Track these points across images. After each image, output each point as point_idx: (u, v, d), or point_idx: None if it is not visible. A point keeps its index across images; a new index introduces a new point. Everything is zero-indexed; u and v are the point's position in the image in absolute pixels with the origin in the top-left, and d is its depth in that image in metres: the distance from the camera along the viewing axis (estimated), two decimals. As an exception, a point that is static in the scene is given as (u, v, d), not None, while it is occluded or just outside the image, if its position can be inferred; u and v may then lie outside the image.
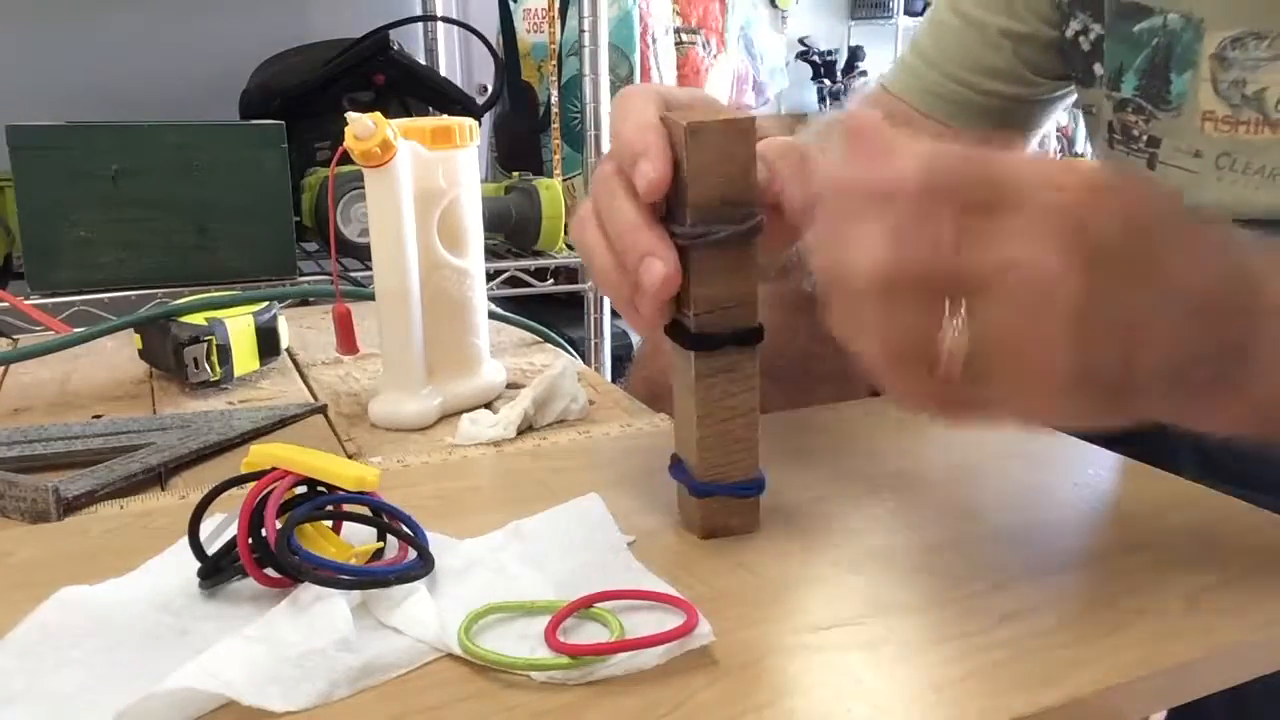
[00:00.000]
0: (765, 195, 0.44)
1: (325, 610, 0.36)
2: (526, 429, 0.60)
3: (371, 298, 0.61)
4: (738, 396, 0.42)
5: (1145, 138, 0.65)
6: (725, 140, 0.40)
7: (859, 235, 0.34)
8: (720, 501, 0.44)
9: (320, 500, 0.40)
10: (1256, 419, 0.38)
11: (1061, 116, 0.77)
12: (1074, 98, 0.74)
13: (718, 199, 0.41)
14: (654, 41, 2.01)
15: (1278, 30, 0.57)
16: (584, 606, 0.37)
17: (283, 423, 0.62)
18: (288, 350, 0.77)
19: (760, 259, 0.42)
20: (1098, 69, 0.66)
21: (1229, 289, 0.37)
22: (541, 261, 1.42)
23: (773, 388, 0.66)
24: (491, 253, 1.44)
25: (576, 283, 1.49)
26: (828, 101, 3.35)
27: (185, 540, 0.40)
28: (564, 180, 1.65)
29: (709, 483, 0.43)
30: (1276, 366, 0.37)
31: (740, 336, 0.41)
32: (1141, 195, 0.37)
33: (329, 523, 0.41)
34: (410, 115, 1.43)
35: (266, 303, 0.72)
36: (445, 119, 0.61)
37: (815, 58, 3.30)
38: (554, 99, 1.68)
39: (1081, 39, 0.67)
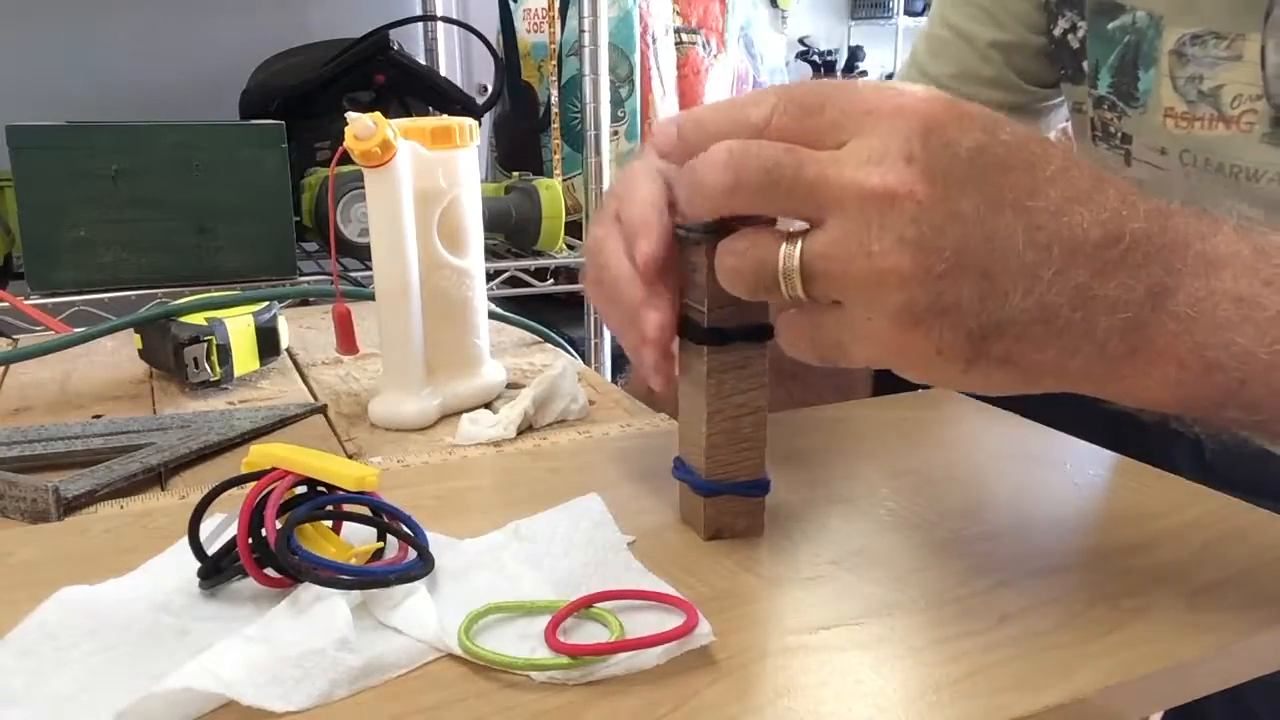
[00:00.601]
0: None
1: (325, 610, 0.36)
2: (526, 429, 0.60)
3: (371, 298, 0.61)
4: (747, 394, 0.42)
5: (1119, 135, 0.65)
6: None
7: (707, 158, 0.35)
8: (727, 501, 0.44)
9: (320, 500, 0.40)
10: (1201, 385, 0.35)
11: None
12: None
13: None
14: (654, 41, 2.01)
15: (1236, 31, 0.57)
16: (584, 606, 0.37)
17: (283, 423, 0.62)
18: (288, 350, 0.77)
19: None
20: (1086, 66, 0.67)
21: (1139, 231, 0.34)
22: (541, 261, 1.42)
23: (772, 380, 0.67)
24: (491, 253, 1.44)
25: (576, 283, 1.49)
26: (828, 101, 3.34)
27: (185, 540, 0.40)
28: (564, 180, 1.65)
29: (716, 481, 0.43)
30: (1208, 317, 0.34)
31: (751, 332, 0.42)
32: (1008, 127, 0.34)
33: (329, 523, 0.41)
34: (410, 115, 1.43)
35: (266, 303, 0.72)
36: (445, 119, 0.61)
37: (815, 58, 3.30)
38: (554, 99, 1.68)
39: (1070, 37, 0.67)
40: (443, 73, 1.90)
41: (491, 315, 0.70)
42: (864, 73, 3.41)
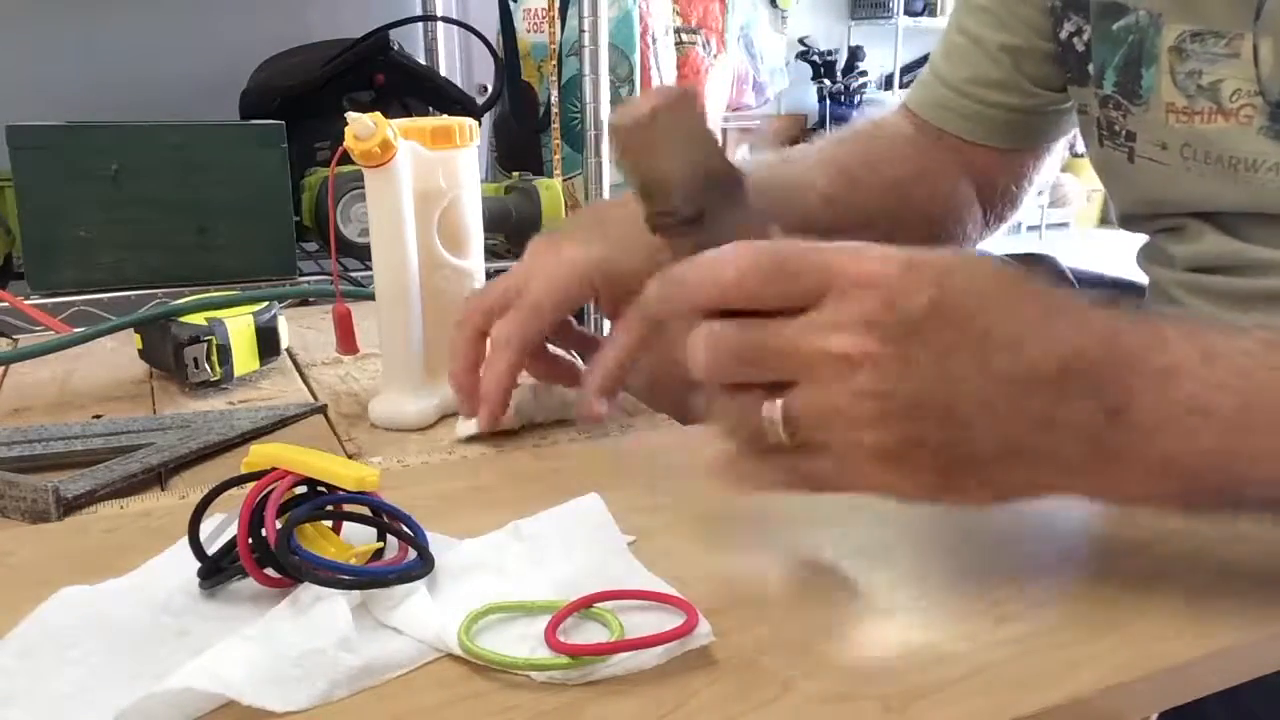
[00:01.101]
0: None
1: (325, 610, 0.36)
2: (527, 423, 0.60)
3: (371, 298, 0.61)
4: None
5: (1124, 132, 0.67)
6: (682, 117, 0.41)
7: (692, 342, 0.39)
8: None
9: (320, 500, 0.40)
10: (1171, 483, 0.37)
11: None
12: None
13: (698, 175, 0.42)
14: (654, 41, 2.01)
15: (1234, 30, 0.59)
16: (584, 606, 0.37)
17: (283, 423, 0.62)
18: (288, 350, 0.77)
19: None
20: (1091, 69, 0.68)
21: (1091, 356, 0.37)
22: (541, 261, 1.42)
23: None
24: (491, 253, 1.44)
25: (576, 283, 1.48)
26: (827, 101, 3.35)
27: (185, 540, 0.40)
28: (564, 180, 1.65)
29: None
30: (1168, 426, 0.36)
31: None
32: (959, 273, 0.37)
33: (329, 523, 0.41)
34: (410, 115, 1.43)
35: (266, 303, 0.72)
36: (445, 119, 0.61)
37: (815, 58, 3.30)
38: (554, 99, 1.68)
39: (1075, 40, 0.69)
40: (443, 73, 1.90)
41: (491, 315, 0.70)
42: (864, 73, 3.41)
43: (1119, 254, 0.77)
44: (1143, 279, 0.74)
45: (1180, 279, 0.67)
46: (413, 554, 0.40)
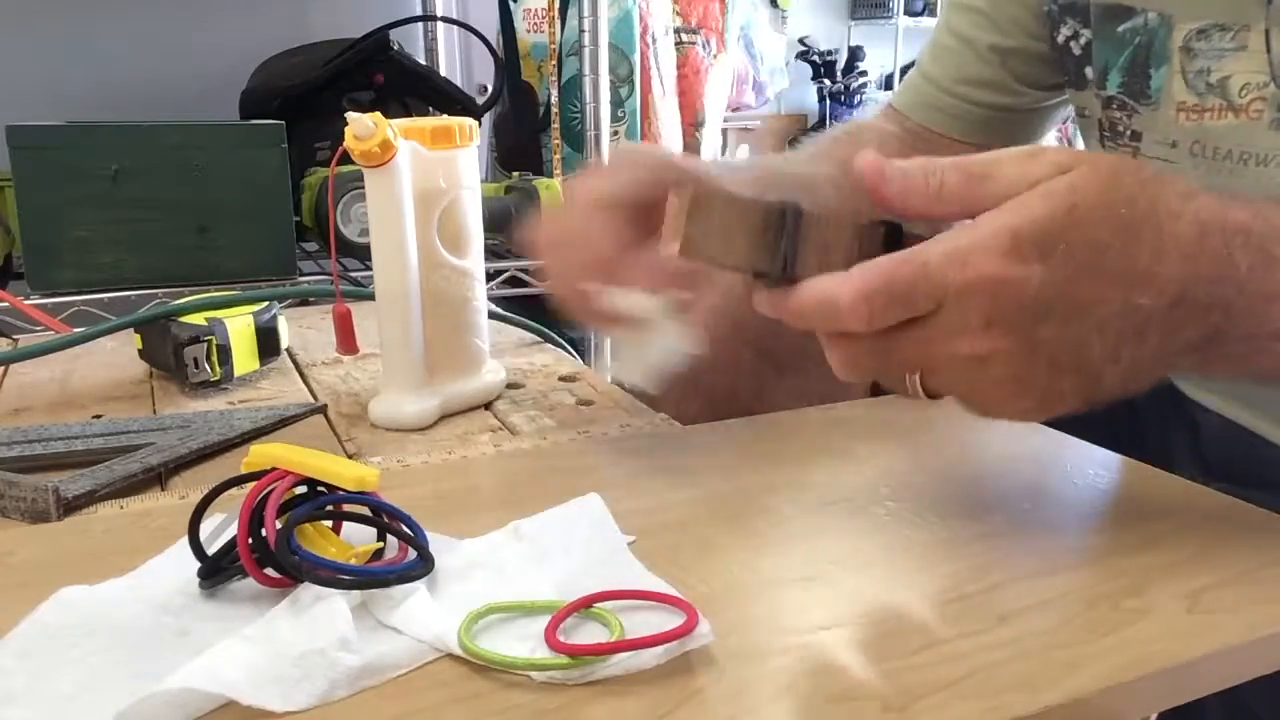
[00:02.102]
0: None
1: (325, 610, 0.36)
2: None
3: (371, 298, 0.61)
4: None
5: (1129, 133, 0.67)
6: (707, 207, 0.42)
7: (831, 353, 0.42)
8: None
9: (320, 500, 0.40)
10: (1249, 374, 0.44)
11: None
12: (1068, 108, 0.76)
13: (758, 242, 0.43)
14: (654, 41, 2.01)
15: (1241, 22, 0.59)
16: (584, 606, 0.37)
17: (283, 423, 0.62)
18: (288, 350, 0.77)
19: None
20: (1089, 72, 0.68)
21: (1201, 287, 0.40)
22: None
23: (773, 374, 0.67)
24: (491, 253, 1.44)
25: (576, 283, 1.48)
26: (828, 101, 3.35)
27: (185, 540, 0.40)
28: (564, 180, 1.65)
29: None
30: (1258, 341, 0.42)
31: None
32: (1066, 228, 0.39)
33: (329, 523, 0.41)
34: (410, 115, 1.43)
35: (266, 303, 0.72)
36: (445, 119, 0.61)
37: (815, 58, 3.30)
38: (554, 99, 1.68)
39: (1072, 44, 0.69)
40: (443, 73, 1.90)
41: (491, 315, 0.71)
42: (864, 73, 3.40)
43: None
44: None
45: None
46: (413, 554, 0.40)
